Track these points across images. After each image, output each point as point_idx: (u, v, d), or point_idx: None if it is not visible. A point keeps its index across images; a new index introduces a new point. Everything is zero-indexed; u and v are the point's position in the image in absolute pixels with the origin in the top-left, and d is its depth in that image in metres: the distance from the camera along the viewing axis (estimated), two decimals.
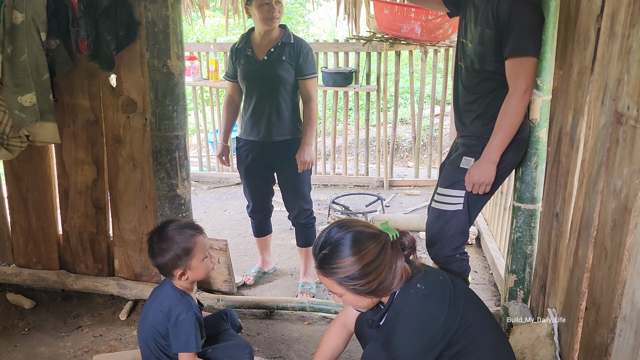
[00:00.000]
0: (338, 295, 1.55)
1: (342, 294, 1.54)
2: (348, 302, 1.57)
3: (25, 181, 2.68)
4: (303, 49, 2.66)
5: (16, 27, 2.12)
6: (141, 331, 1.95)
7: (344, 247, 1.48)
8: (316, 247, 1.54)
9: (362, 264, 1.46)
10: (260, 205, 2.94)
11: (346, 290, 1.51)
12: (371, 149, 5.50)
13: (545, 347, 1.82)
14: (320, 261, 1.51)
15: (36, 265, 2.80)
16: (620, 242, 1.27)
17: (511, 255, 2.20)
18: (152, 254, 1.91)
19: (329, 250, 1.49)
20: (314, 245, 1.55)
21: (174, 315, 1.87)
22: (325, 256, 1.50)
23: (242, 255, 3.40)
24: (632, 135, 1.24)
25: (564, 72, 1.92)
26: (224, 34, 7.82)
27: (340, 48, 4.43)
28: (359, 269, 1.46)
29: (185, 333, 1.86)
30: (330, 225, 1.57)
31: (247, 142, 2.79)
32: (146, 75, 2.35)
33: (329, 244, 1.50)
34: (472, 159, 2.06)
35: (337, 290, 1.53)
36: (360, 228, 1.51)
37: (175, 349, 1.87)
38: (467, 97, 2.12)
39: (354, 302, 1.57)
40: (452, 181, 2.11)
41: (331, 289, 1.54)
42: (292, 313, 2.61)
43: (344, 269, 1.47)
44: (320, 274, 1.53)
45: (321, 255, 1.51)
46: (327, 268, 1.50)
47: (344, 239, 1.49)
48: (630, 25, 1.29)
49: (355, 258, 1.46)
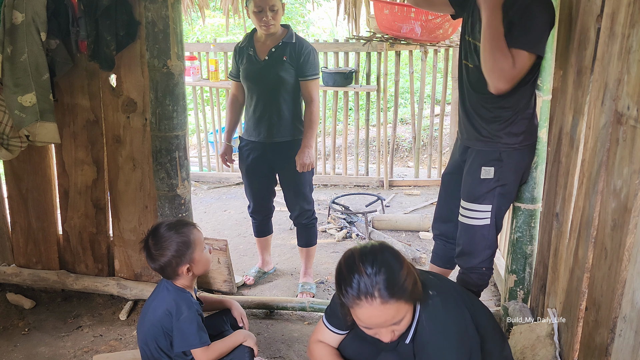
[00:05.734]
0: (397, 323, 1.42)
1: (404, 316, 1.43)
2: (402, 327, 1.46)
3: (25, 181, 2.68)
4: (304, 50, 2.64)
5: (16, 27, 2.12)
6: (141, 331, 1.95)
7: (393, 260, 1.41)
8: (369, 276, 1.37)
9: (406, 263, 1.44)
10: (261, 205, 2.93)
11: (409, 303, 1.42)
12: (371, 149, 5.50)
13: (545, 347, 1.82)
14: (385, 289, 1.36)
15: (36, 265, 2.80)
16: (620, 242, 1.27)
17: (511, 255, 2.20)
18: (151, 258, 1.89)
19: (384, 273, 1.37)
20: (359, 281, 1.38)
21: (176, 314, 1.87)
22: (386, 279, 1.37)
23: (242, 255, 3.40)
24: (632, 135, 1.24)
25: (564, 72, 1.92)
26: (224, 34, 7.82)
27: (340, 48, 4.43)
28: (406, 271, 1.42)
29: (188, 330, 1.86)
30: (351, 257, 1.44)
31: (249, 142, 2.78)
32: (146, 75, 2.35)
33: (378, 263, 1.39)
34: (492, 169, 2.01)
35: (402, 311, 1.41)
36: (375, 244, 1.48)
37: (181, 347, 1.87)
38: (476, 98, 2.04)
39: (405, 323, 1.46)
40: (476, 195, 2.05)
41: (396, 316, 1.40)
42: (292, 313, 2.61)
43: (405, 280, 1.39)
44: (386, 304, 1.37)
45: (382, 283, 1.37)
46: (395, 288, 1.37)
47: (384, 253, 1.43)
48: (630, 25, 1.29)
49: (403, 263, 1.42)
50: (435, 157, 4.66)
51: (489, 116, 2.01)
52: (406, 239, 3.59)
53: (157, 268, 1.91)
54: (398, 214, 3.96)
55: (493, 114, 2.00)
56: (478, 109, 2.04)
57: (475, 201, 2.05)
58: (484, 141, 2.04)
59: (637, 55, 1.23)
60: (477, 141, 2.06)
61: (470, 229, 2.09)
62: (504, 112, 1.98)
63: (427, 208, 4.13)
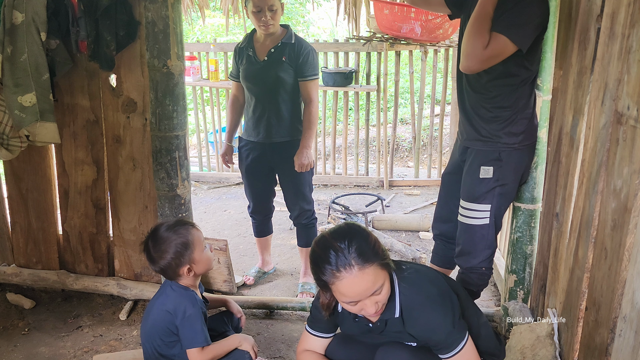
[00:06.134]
0: (378, 291, 1.50)
1: (383, 283, 1.51)
2: (383, 296, 1.54)
3: (25, 181, 2.68)
4: (303, 50, 2.64)
5: (16, 27, 2.12)
6: (144, 329, 1.95)
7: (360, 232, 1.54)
8: (343, 249, 1.47)
9: (372, 234, 1.57)
10: (261, 205, 2.93)
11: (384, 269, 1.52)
12: (371, 149, 5.50)
13: (545, 347, 1.82)
14: (359, 256, 1.47)
15: (36, 265, 2.80)
16: (620, 242, 1.27)
17: (511, 255, 2.20)
18: (152, 260, 1.90)
19: (355, 243, 1.48)
20: (336, 255, 1.47)
21: (181, 312, 1.87)
22: (359, 246, 1.48)
23: (242, 255, 3.40)
24: (632, 135, 1.24)
25: (564, 72, 1.92)
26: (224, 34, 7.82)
27: (340, 48, 4.42)
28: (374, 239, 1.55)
29: (193, 328, 1.86)
30: (323, 238, 1.54)
31: (248, 143, 2.79)
32: (146, 75, 2.35)
33: (348, 237, 1.50)
34: (491, 168, 2.01)
35: (380, 277, 1.50)
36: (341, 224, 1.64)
37: (189, 344, 1.86)
38: (476, 98, 2.04)
39: (386, 292, 1.54)
40: (475, 195, 2.05)
41: (376, 282, 1.49)
42: (292, 313, 2.61)
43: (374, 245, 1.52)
44: (364, 269, 1.46)
45: (355, 252, 1.47)
46: (368, 253, 1.48)
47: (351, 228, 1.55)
48: (630, 25, 1.29)
49: (369, 233, 1.56)
50: (435, 157, 4.66)
51: (489, 116, 2.01)
52: (406, 239, 3.59)
53: (158, 270, 1.91)
54: (398, 214, 3.96)
55: (492, 114, 2.00)
56: (477, 109, 2.04)
57: (475, 201, 2.05)
58: (484, 141, 2.04)
59: (637, 55, 1.23)
60: (477, 141, 2.06)
61: (469, 228, 2.09)
62: (504, 112, 1.98)
63: (427, 208, 4.13)
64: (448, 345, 1.61)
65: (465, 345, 1.62)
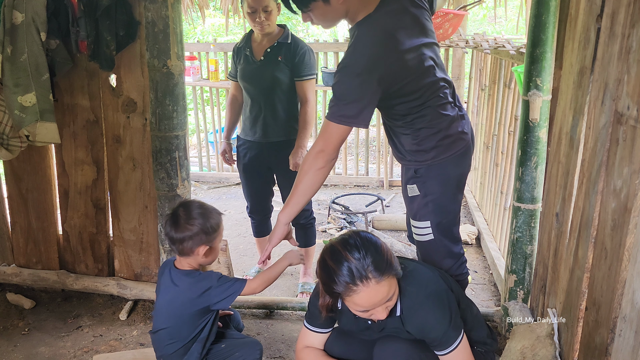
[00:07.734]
0: (391, 298, 1.56)
1: (395, 290, 1.58)
2: (394, 301, 1.59)
3: (25, 181, 2.68)
4: (299, 50, 2.65)
5: (16, 27, 2.12)
6: (166, 326, 1.90)
7: (372, 241, 1.55)
8: (358, 263, 1.49)
9: (381, 241, 1.61)
10: (259, 205, 2.93)
11: (394, 277, 1.56)
12: (371, 149, 5.49)
13: (545, 347, 1.82)
14: (376, 269, 1.50)
15: (36, 265, 2.80)
16: (620, 242, 1.27)
17: (511, 255, 2.20)
18: (177, 227, 1.82)
19: (371, 255, 1.51)
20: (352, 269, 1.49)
21: (210, 284, 1.86)
22: (374, 260, 1.51)
23: (242, 255, 3.40)
24: (632, 135, 1.23)
25: (564, 72, 1.92)
26: (224, 34, 7.82)
27: (340, 48, 4.42)
28: (385, 247, 1.59)
29: (228, 280, 1.89)
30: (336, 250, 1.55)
31: (246, 142, 2.79)
32: (146, 75, 2.35)
33: (363, 249, 1.51)
34: (414, 185, 1.98)
35: (393, 286, 1.56)
36: (349, 233, 1.64)
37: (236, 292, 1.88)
38: (388, 123, 2.03)
39: (396, 297, 1.60)
40: (413, 213, 2.02)
41: (390, 292, 1.53)
42: (292, 313, 2.61)
43: (388, 255, 1.55)
44: (380, 282, 1.50)
45: (371, 264, 1.50)
46: (384, 265, 1.51)
47: (362, 238, 1.56)
48: (630, 25, 1.29)
49: (380, 241, 1.59)
50: None
51: (400, 138, 1.98)
52: (406, 239, 3.59)
53: (179, 238, 1.83)
54: (398, 214, 3.96)
55: (401, 137, 1.97)
56: (393, 130, 2.02)
57: (415, 218, 2.02)
58: (402, 159, 2.04)
59: (637, 55, 1.23)
60: (399, 160, 2.07)
61: (421, 245, 2.07)
62: (407, 136, 1.94)
63: None
64: (444, 342, 1.65)
65: (460, 343, 1.66)
